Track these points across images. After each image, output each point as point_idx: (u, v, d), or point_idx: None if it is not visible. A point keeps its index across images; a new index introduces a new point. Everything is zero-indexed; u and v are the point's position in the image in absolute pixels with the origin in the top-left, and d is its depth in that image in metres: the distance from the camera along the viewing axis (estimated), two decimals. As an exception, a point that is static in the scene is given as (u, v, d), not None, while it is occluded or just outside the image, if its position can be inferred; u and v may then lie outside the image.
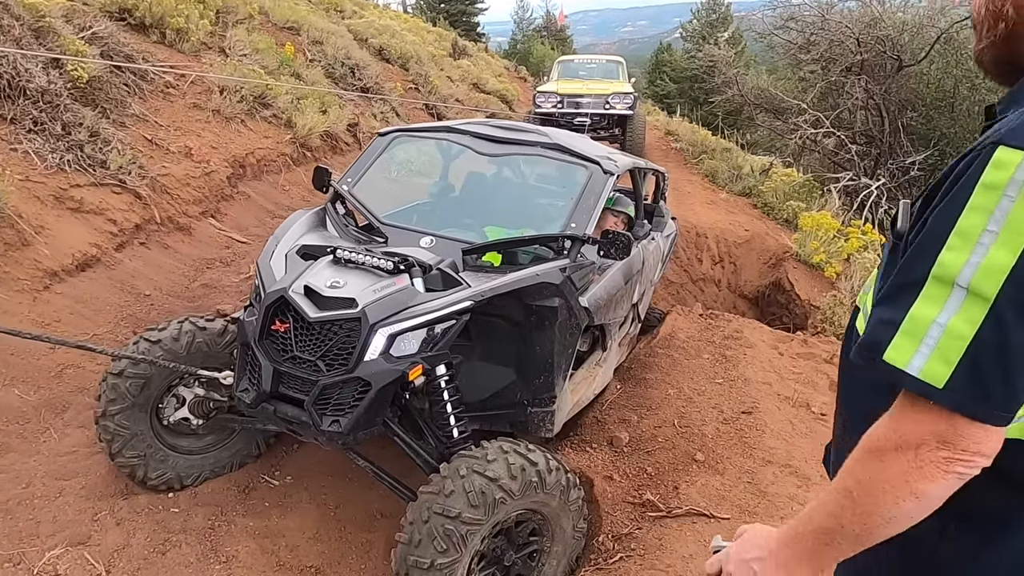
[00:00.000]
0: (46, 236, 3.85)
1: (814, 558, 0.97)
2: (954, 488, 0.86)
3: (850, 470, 0.92)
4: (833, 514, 0.93)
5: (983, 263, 0.78)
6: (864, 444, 0.91)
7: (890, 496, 0.87)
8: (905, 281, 0.86)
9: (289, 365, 2.29)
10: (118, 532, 2.53)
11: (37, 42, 4.79)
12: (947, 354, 0.80)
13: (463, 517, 2.11)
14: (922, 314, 0.82)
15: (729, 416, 3.29)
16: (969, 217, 0.80)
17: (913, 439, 0.84)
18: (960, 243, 0.80)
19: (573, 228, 2.87)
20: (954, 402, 0.81)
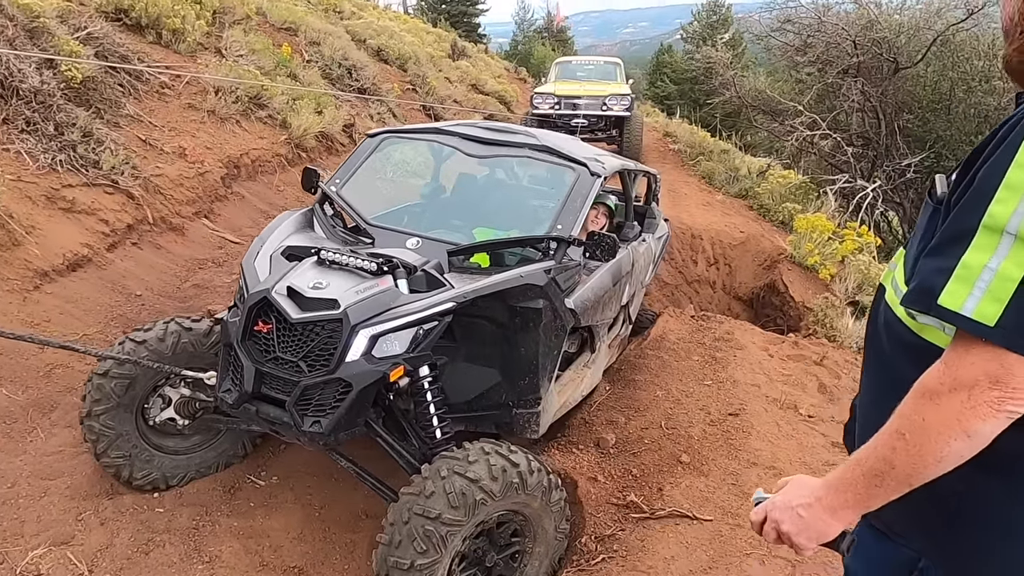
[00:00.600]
0: (37, 236, 3.86)
1: (862, 501, 1.03)
2: (1002, 427, 0.92)
3: (902, 414, 0.98)
4: (884, 457, 0.99)
5: None
6: (917, 389, 0.97)
7: (944, 436, 0.93)
8: (956, 232, 0.93)
9: (271, 366, 2.29)
10: (102, 532, 2.53)
11: (31, 42, 4.80)
12: (998, 295, 0.87)
13: (443, 518, 2.11)
14: (974, 260, 0.90)
15: (716, 418, 3.29)
16: (1016, 172, 0.87)
17: (967, 379, 0.91)
18: (1008, 195, 0.87)
19: (559, 230, 2.87)
20: (1005, 339, 0.88)
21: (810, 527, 1.10)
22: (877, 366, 1.23)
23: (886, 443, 1.00)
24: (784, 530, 1.13)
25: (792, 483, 1.17)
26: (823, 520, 1.08)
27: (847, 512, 1.07)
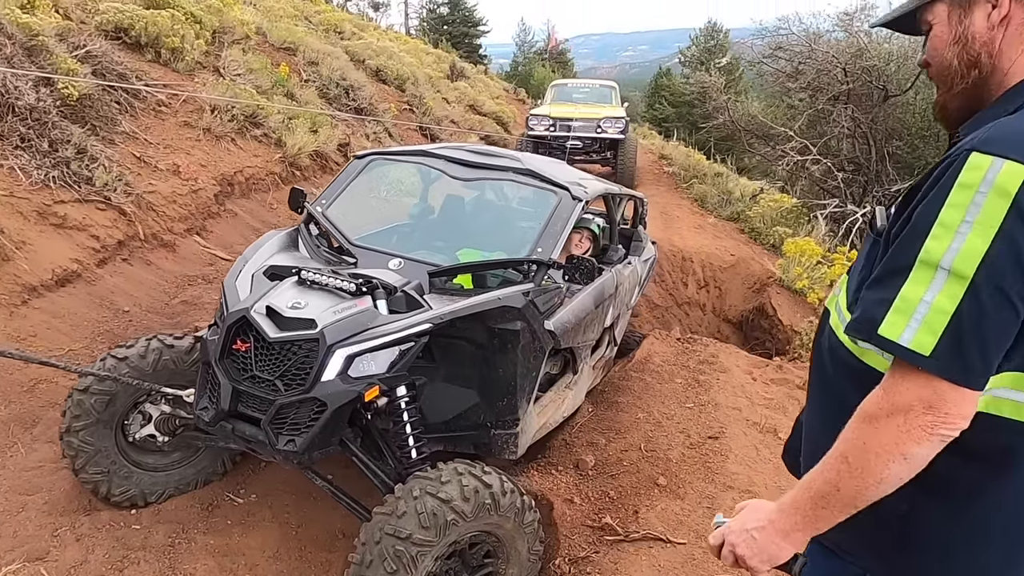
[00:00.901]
0: (27, 251, 3.90)
1: (810, 523, 1.08)
2: (936, 450, 0.98)
3: (845, 438, 1.04)
4: (830, 480, 1.04)
5: (962, 248, 0.93)
6: (858, 414, 1.03)
7: (883, 458, 0.99)
8: (895, 266, 1.00)
9: (248, 384, 2.32)
10: (77, 548, 2.54)
11: (29, 60, 4.88)
12: (932, 326, 0.94)
13: (414, 538, 2.12)
14: (912, 293, 0.96)
15: (695, 441, 3.31)
16: (949, 211, 0.95)
17: (903, 404, 0.97)
18: (942, 232, 0.95)
19: (539, 253, 2.92)
20: (938, 368, 0.94)
21: (763, 550, 1.14)
22: (821, 387, 1.29)
23: (832, 466, 1.05)
24: (739, 553, 1.17)
25: (748, 507, 1.21)
26: (775, 543, 1.13)
27: (798, 534, 1.11)
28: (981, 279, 0.92)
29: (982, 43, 1.09)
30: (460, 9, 42.96)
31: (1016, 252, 0.91)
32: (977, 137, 0.98)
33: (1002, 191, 0.91)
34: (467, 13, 43.15)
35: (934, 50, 1.16)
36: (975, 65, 1.11)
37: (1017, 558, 1.12)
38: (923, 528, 1.12)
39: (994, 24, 1.08)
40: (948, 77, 1.15)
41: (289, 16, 11.65)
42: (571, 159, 10.76)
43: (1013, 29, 1.08)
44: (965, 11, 1.11)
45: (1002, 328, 0.94)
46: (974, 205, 0.93)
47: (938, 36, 1.15)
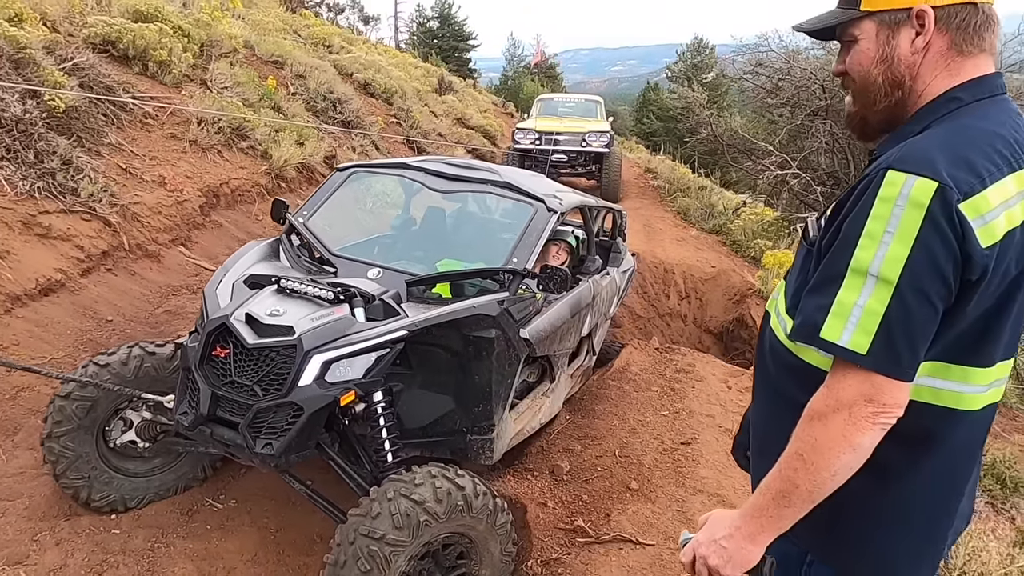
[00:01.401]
0: (11, 261, 3.94)
1: (774, 523, 1.15)
2: (878, 438, 1.07)
3: (798, 437, 1.12)
4: (788, 478, 1.12)
5: (886, 256, 1.03)
6: (807, 413, 1.12)
7: (834, 451, 1.07)
8: (830, 275, 1.10)
9: (227, 389, 2.38)
10: (56, 552, 2.57)
11: (16, 72, 4.93)
12: (866, 327, 1.04)
13: (387, 539, 2.18)
14: (846, 299, 1.06)
15: (668, 447, 3.39)
16: (873, 223, 1.05)
17: (846, 400, 1.07)
18: (868, 243, 1.05)
19: (514, 263, 3.00)
20: (874, 364, 1.04)
21: (733, 557, 1.19)
22: (765, 385, 1.38)
23: (788, 465, 1.12)
24: (711, 564, 1.21)
25: (712, 518, 1.27)
26: (745, 548, 1.18)
27: (764, 536, 1.17)
28: (904, 283, 1.02)
29: (906, 65, 1.18)
30: (450, 23, 43.34)
31: (932, 257, 1.01)
32: (892, 156, 1.08)
33: (916, 203, 1.01)
34: (457, 27, 43.53)
35: (858, 64, 1.22)
36: (899, 86, 1.19)
37: (934, 535, 1.22)
38: (854, 508, 1.21)
39: (917, 49, 1.17)
40: (872, 94, 1.22)
41: (278, 30, 11.75)
42: (557, 172, 10.90)
43: (932, 55, 1.17)
44: (893, 32, 1.18)
45: (925, 325, 1.05)
46: (894, 217, 1.03)
47: (864, 52, 1.21)
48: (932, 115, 1.16)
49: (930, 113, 1.17)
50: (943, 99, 1.16)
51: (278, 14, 13.79)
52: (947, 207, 1.00)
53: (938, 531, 1.22)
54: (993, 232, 1.03)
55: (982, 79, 1.16)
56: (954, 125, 1.12)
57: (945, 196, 1.00)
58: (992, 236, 1.03)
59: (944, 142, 1.08)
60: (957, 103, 1.15)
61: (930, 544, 1.23)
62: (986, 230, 1.02)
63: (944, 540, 1.23)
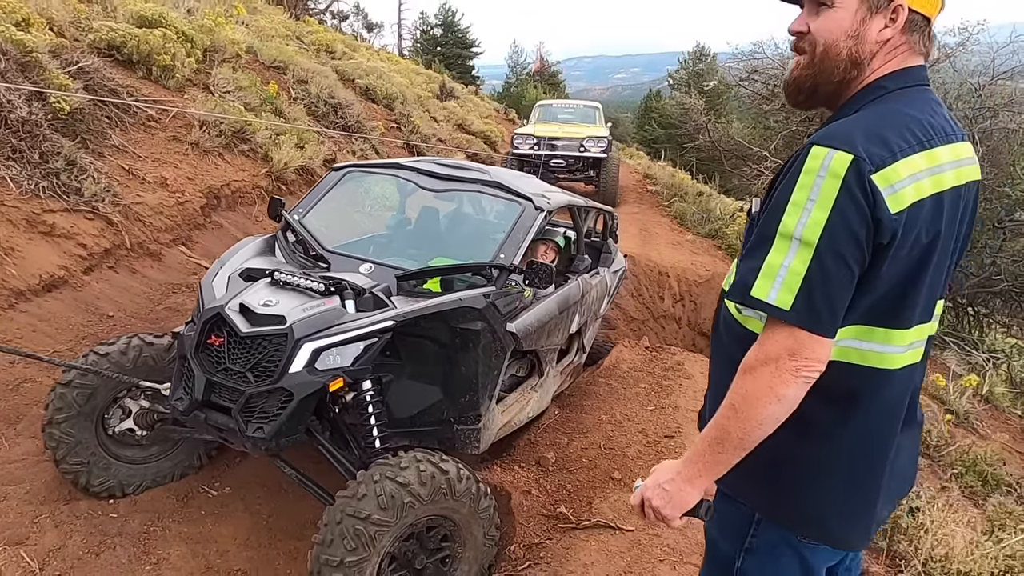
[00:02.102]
0: (15, 258, 4.05)
1: (710, 468, 1.25)
2: (803, 391, 1.18)
3: (733, 389, 1.23)
4: (722, 426, 1.22)
5: (808, 221, 1.14)
6: (740, 368, 1.22)
7: (762, 401, 1.17)
8: (761, 239, 1.20)
9: (221, 376, 2.48)
10: (56, 534, 2.67)
11: (23, 75, 5.06)
12: (791, 286, 1.15)
13: (372, 519, 2.28)
14: (774, 260, 1.17)
15: (652, 440, 3.48)
16: (798, 192, 1.16)
17: (773, 353, 1.17)
18: (794, 210, 1.16)
19: (501, 258, 3.10)
20: (797, 319, 1.15)
21: (673, 498, 1.30)
22: (718, 356, 1.50)
23: (722, 414, 1.23)
24: (654, 505, 1.33)
25: (660, 467, 1.39)
26: (683, 490, 1.29)
27: (701, 480, 1.28)
28: (823, 245, 1.13)
29: (869, 50, 1.27)
30: (453, 31, 43.63)
31: (847, 222, 1.13)
32: (819, 133, 1.21)
33: (834, 174, 1.14)
34: (460, 35, 43.82)
35: (827, 31, 1.26)
36: (857, 65, 1.28)
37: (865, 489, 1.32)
38: (790, 464, 1.32)
39: (882, 38, 1.26)
40: (832, 64, 1.27)
41: (281, 36, 11.91)
42: (555, 177, 11.01)
43: (887, 47, 1.27)
44: (871, 13, 1.24)
45: (842, 284, 1.15)
46: (815, 186, 1.14)
47: (838, 20, 1.25)
48: (863, 99, 1.28)
49: (862, 97, 1.29)
50: (872, 85, 1.28)
51: (281, 21, 13.96)
52: (860, 177, 1.12)
53: (868, 485, 1.33)
54: (901, 200, 1.14)
55: (908, 70, 1.28)
56: (878, 108, 1.25)
57: (859, 167, 1.12)
58: (900, 203, 1.14)
59: (864, 122, 1.20)
60: (882, 90, 1.27)
61: (861, 498, 1.33)
62: (895, 198, 1.14)
63: (876, 496, 1.33)
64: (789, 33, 1.37)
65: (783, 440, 1.23)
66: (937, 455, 4.29)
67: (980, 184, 1.36)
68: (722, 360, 1.45)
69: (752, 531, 1.39)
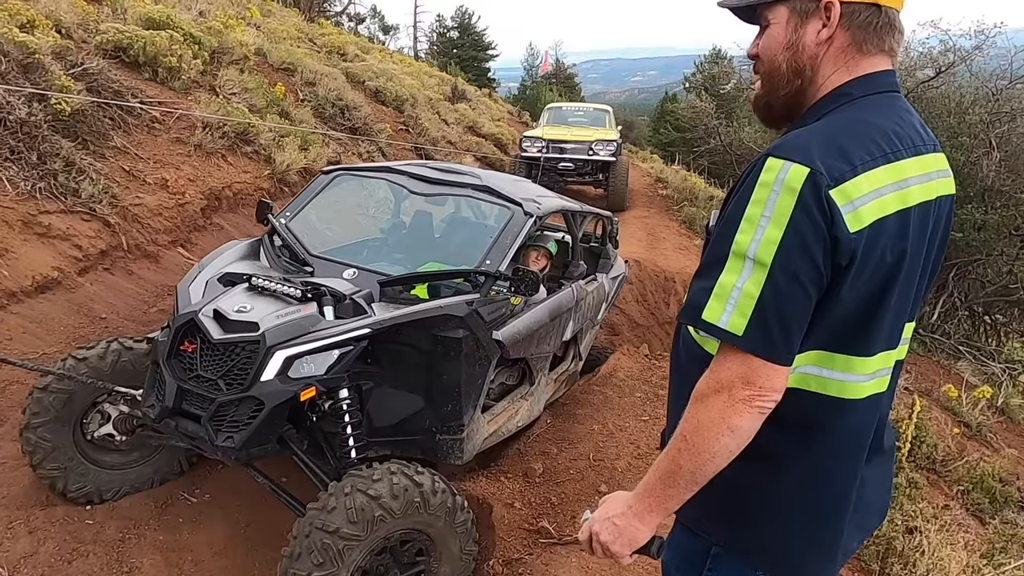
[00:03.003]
0: (9, 259, 4.05)
1: (661, 503, 1.17)
2: (758, 422, 1.09)
3: (684, 419, 1.14)
4: (673, 458, 1.13)
5: (762, 239, 1.05)
6: (692, 396, 1.14)
7: (713, 432, 1.09)
8: (714, 257, 1.12)
9: (193, 383, 2.44)
10: (29, 540, 2.64)
11: (24, 77, 5.08)
12: (743, 309, 1.06)
13: (341, 532, 2.22)
14: (726, 281, 1.08)
15: (644, 451, 3.39)
16: (752, 207, 1.08)
17: (725, 381, 1.09)
18: (748, 227, 1.07)
19: (487, 265, 3.03)
20: (749, 345, 1.06)
21: (623, 534, 1.21)
22: (677, 378, 1.41)
23: (673, 446, 1.15)
24: (602, 540, 1.24)
25: (610, 498, 1.30)
26: (633, 526, 1.20)
27: (652, 516, 1.19)
28: (777, 265, 1.04)
29: (809, 56, 1.20)
30: (470, 33, 43.74)
31: (802, 239, 1.04)
32: (775, 143, 1.12)
33: (790, 188, 1.04)
34: (476, 37, 43.92)
35: (768, 48, 1.25)
36: (800, 74, 1.22)
37: (828, 522, 1.23)
38: (748, 496, 1.24)
39: (821, 40, 1.19)
40: (776, 79, 1.25)
41: (292, 38, 11.96)
42: (564, 181, 10.93)
43: (834, 49, 1.20)
44: (802, 21, 1.20)
45: (797, 308, 1.06)
46: (770, 201, 1.06)
47: (774, 36, 1.23)
48: (825, 108, 1.19)
49: (824, 106, 1.20)
50: (835, 93, 1.20)
51: (295, 23, 14.04)
52: (816, 192, 1.03)
53: (831, 518, 1.24)
54: (861, 218, 1.05)
55: (874, 75, 1.20)
56: (839, 117, 1.16)
57: (816, 181, 1.03)
58: (860, 222, 1.05)
59: (824, 131, 1.11)
60: (847, 98, 1.18)
61: (823, 530, 1.24)
62: (855, 216, 1.04)
63: (839, 528, 1.24)
64: (748, 57, 1.35)
65: (740, 470, 1.15)
66: (943, 470, 4.15)
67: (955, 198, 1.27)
68: (681, 383, 1.37)
69: (710, 564, 1.30)
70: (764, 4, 1.25)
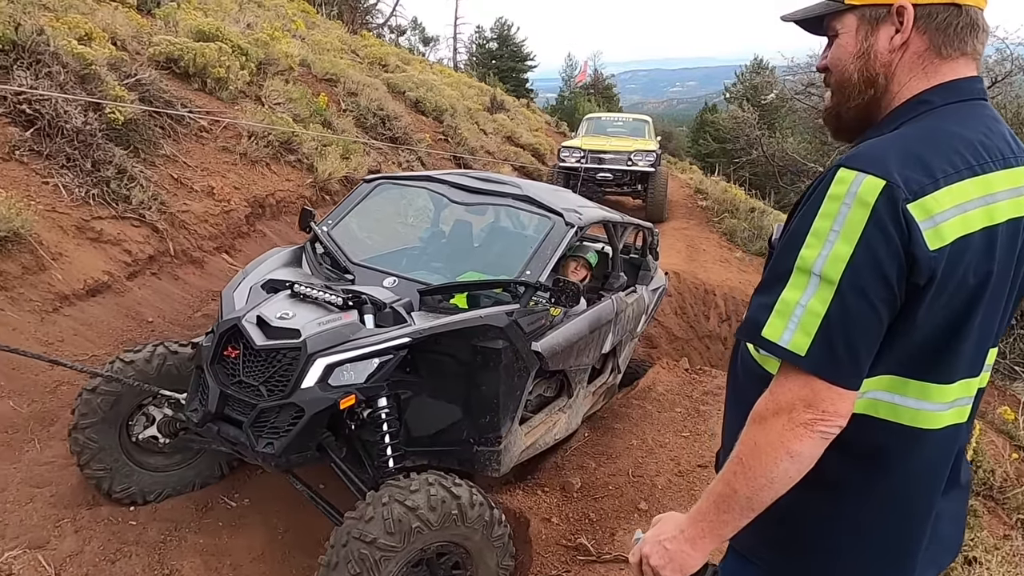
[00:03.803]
0: (63, 263, 4.17)
1: (715, 529, 1.11)
2: (820, 448, 1.03)
3: (741, 440, 1.08)
4: (728, 481, 1.08)
5: (830, 255, 1.00)
6: (750, 417, 1.09)
7: (772, 456, 1.03)
8: (776, 273, 1.07)
9: (235, 388, 2.46)
10: (75, 539, 2.69)
11: (81, 87, 5.26)
12: (807, 328, 1.00)
13: (378, 543, 2.20)
14: (789, 297, 1.03)
15: (685, 468, 3.31)
16: (820, 221, 1.02)
17: (785, 403, 1.03)
18: (815, 241, 1.02)
19: (527, 275, 3.00)
20: (812, 366, 1.00)
21: (674, 559, 1.15)
22: (734, 397, 1.35)
23: (729, 470, 1.09)
24: (653, 564, 1.18)
25: (663, 519, 1.25)
26: (685, 552, 1.14)
27: (705, 542, 1.13)
28: (846, 283, 0.98)
29: (882, 63, 1.14)
30: (509, 44, 44.02)
31: (874, 257, 0.97)
32: (847, 154, 1.06)
33: (863, 202, 0.98)
34: (515, 48, 44.17)
35: (837, 59, 1.20)
36: (872, 83, 1.16)
37: (897, 559, 1.15)
38: (812, 527, 1.16)
39: (895, 47, 1.13)
40: (847, 90, 1.19)
41: (336, 50, 12.18)
42: (602, 191, 10.87)
43: (910, 55, 1.13)
44: (872, 28, 1.15)
45: (866, 329, 1.00)
46: (840, 215, 1.00)
47: (843, 46, 1.18)
48: (903, 117, 1.13)
49: (901, 115, 1.13)
50: (914, 101, 1.13)
51: (338, 35, 14.30)
52: (892, 206, 0.97)
53: (901, 553, 1.16)
54: (942, 235, 0.98)
55: (957, 82, 1.12)
56: (918, 126, 1.09)
57: (892, 194, 0.97)
58: (941, 239, 0.98)
59: (902, 141, 1.05)
60: (927, 106, 1.11)
61: (895, 567, 1.16)
62: (935, 232, 0.98)
63: (913, 566, 1.17)
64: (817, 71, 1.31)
65: (802, 498, 1.08)
66: (1001, 497, 3.95)
67: None
68: (738, 402, 1.31)
69: None
70: (831, 15, 1.19)
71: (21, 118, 4.63)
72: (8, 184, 4.26)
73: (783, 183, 11.33)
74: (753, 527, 1.10)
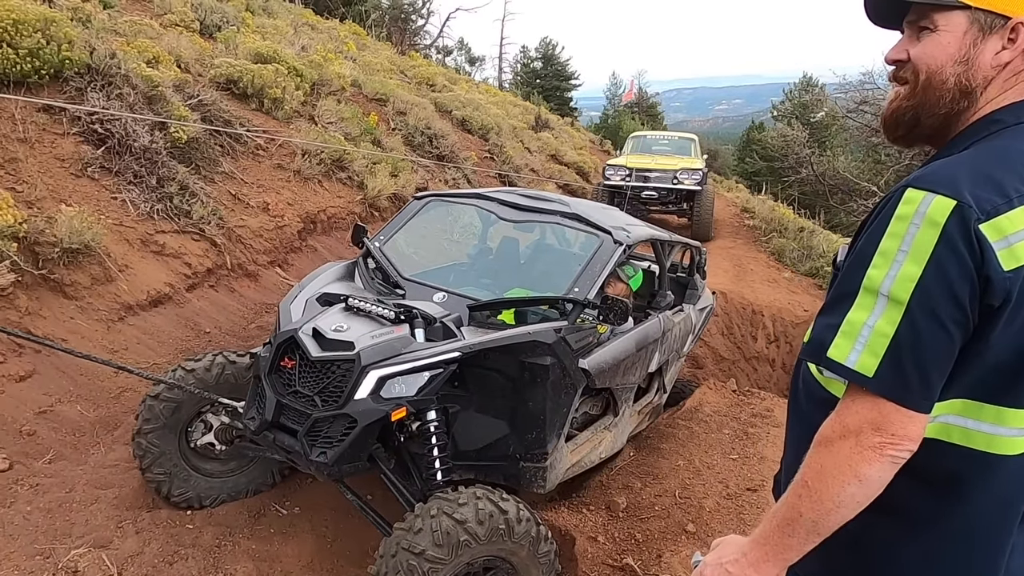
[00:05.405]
0: (128, 274, 4.37)
1: (779, 553, 1.09)
2: (889, 472, 1.01)
3: (806, 463, 1.07)
4: (793, 505, 1.06)
5: (898, 275, 0.99)
6: (816, 439, 1.07)
7: (839, 480, 1.01)
8: (842, 293, 1.06)
9: (291, 398, 2.53)
10: (136, 540, 2.79)
11: (148, 107, 5.53)
12: (875, 349, 0.99)
13: (427, 555, 2.23)
14: (856, 318, 1.02)
15: (733, 492, 3.25)
16: (887, 241, 1.01)
17: (853, 426, 1.01)
18: (882, 261, 1.01)
19: (575, 292, 3.02)
20: (880, 388, 0.99)
21: None
22: (796, 420, 1.32)
23: (794, 492, 1.07)
24: None
25: (724, 542, 1.23)
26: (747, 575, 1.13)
27: (768, 566, 1.11)
28: (915, 304, 0.97)
29: (982, 76, 1.09)
30: (553, 64, 44.33)
31: (945, 277, 0.96)
32: (914, 174, 1.05)
33: (932, 222, 0.97)
34: (560, 67, 44.45)
35: (931, 57, 1.12)
36: (968, 95, 1.11)
37: None
38: (881, 556, 1.14)
39: (1000, 63, 1.09)
40: (937, 94, 1.12)
41: (385, 70, 12.49)
42: (647, 209, 10.82)
43: (1006, 72, 1.10)
44: (982, 36, 1.08)
45: (938, 350, 0.98)
46: (908, 235, 0.99)
47: (943, 46, 1.10)
48: (974, 135, 1.10)
49: (973, 133, 1.10)
50: (985, 120, 1.10)
51: (388, 56, 14.67)
52: (965, 226, 0.95)
53: None
54: (1017, 255, 0.96)
55: None
56: (991, 145, 1.06)
57: (963, 215, 0.95)
58: (1016, 259, 0.96)
59: (973, 161, 1.03)
60: (999, 125, 1.09)
61: None
62: (1010, 252, 0.96)
63: None
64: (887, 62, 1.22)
65: (870, 524, 1.06)
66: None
67: None
68: (800, 425, 1.29)
69: None
70: (937, 6, 1.10)
71: (93, 137, 4.89)
72: (80, 199, 4.50)
73: (833, 202, 11.08)
74: (818, 553, 1.08)
